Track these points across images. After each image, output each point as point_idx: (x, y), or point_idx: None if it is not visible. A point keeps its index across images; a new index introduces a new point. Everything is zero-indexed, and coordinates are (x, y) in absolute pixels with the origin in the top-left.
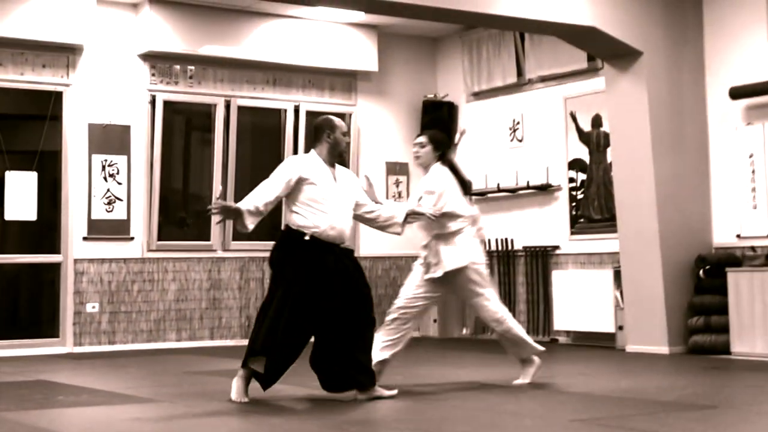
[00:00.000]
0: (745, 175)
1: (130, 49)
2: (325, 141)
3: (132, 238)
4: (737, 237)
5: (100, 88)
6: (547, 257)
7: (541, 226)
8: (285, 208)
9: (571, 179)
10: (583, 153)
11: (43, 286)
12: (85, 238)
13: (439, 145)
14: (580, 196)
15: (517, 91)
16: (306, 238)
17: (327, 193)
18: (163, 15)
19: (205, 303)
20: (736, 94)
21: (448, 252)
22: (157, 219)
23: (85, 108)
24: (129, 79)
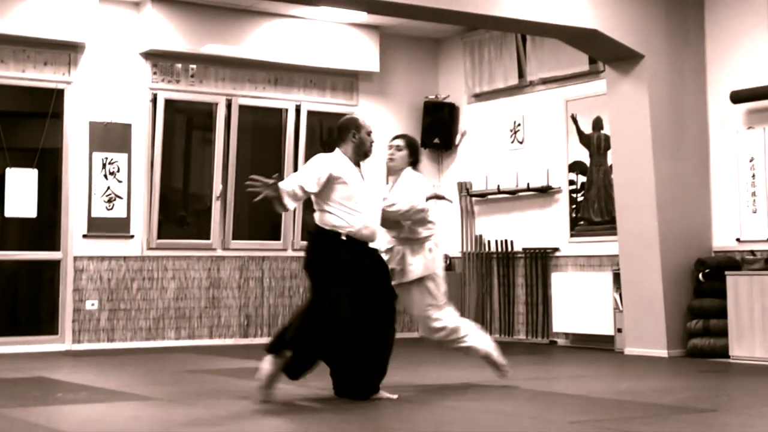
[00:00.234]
0: (746, 179)
1: (131, 48)
2: (350, 140)
3: (132, 236)
4: (737, 241)
5: (102, 86)
6: (546, 259)
7: (541, 228)
8: (316, 208)
9: (571, 181)
10: (584, 155)
11: (42, 283)
12: (85, 236)
13: (414, 151)
14: (580, 198)
15: (519, 93)
16: (342, 238)
17: (359, 192)
18: (164, 13)
19: (204, 301)
20: (737, 98)
21: (416, 259)
22: (157, 217)
23: (86, 106)
24: (130, 77)
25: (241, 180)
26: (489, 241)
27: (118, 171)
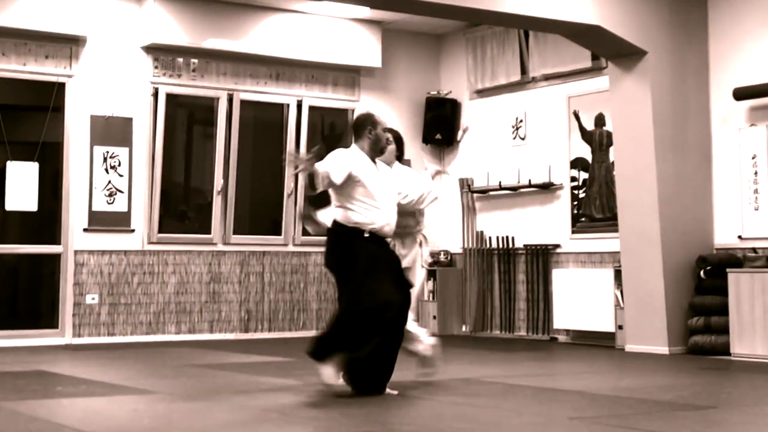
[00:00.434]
0: (748, 177)
1: (133, 42)
2: (366, 137)
3: (132, 231)
4: (739, 238)
5: (103, 80)
6: (547, 256)
7: (542, 224)
8: (337, 205)
9: (573, 178)
10: (586, 152)
11: (43, 277)
12: (85, 230)
13: (400, 145)
14: (581, 195)
15: (521, 89)
16: (366, 235)
17: (378, 190)
18: (166, 8)
19: (204, 296)
20: (740, 95)
21: (406, 251)
22: (158, 212)
23: (87, 99)
24: (132, 71)
25: (242, 175)
26: (490, 238)
27: (119, 165)
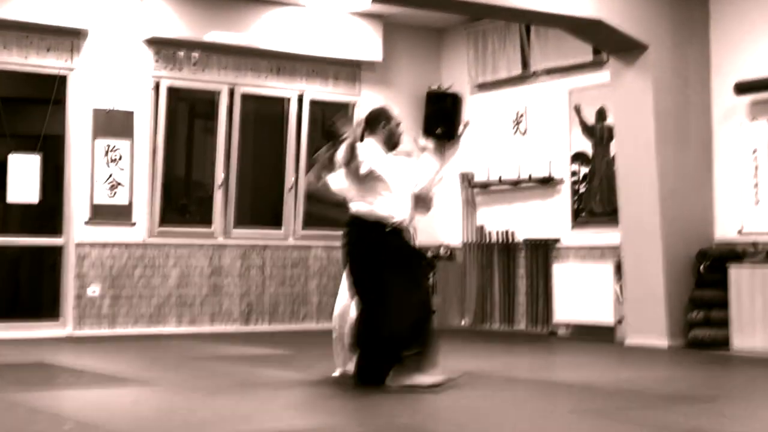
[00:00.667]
0: (749, 171)
1: (134, 35)
2: (380, 131)
3: (134, 224)
4: (739, 233)
5: (104, 73)
6: (548, 250)
7: (542, 218)
8: (358, 198)
9: (573, 172)
10: (587, 146)
11: (44, 269)
12: (87, 222)
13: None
14: (582, 189)
15: (522, 84)
16: (389, 230)
17: (397, 183)
18: (168, 1)
19: (206, 289)
20: (742, 89)
21: None
22: (160, 205)
23: (88, 93)
24: (133, 64)
25: (243, 168)
26: (490, 232)
27: (121, 158)
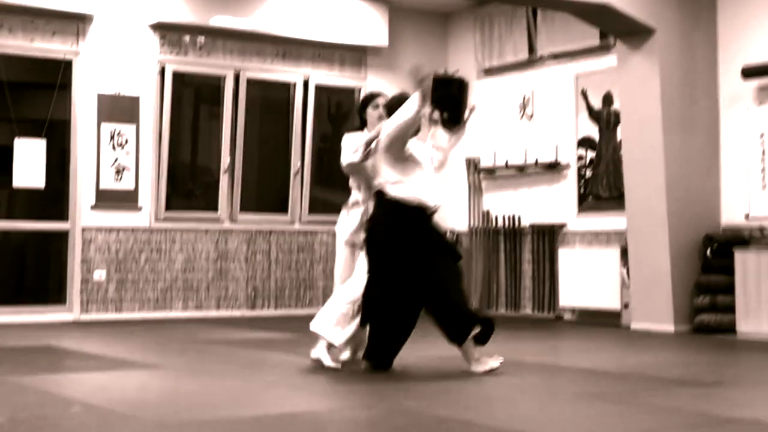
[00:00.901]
0: (756, 156)
1: (140, 19)
2: None
3: (140, 208)
4: (745, 217)
5: (110, 58)
6: (554, 235)
7: (548, 203)
8: (394, 180)
9: (580, 157)
10: (593, 131)
11: (50, 253)
12: (93, 207)
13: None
14: (588, 174)
15: (528, 68)
16: (427, 213)
17: (423, 167)
18: None
19: (211, 273)
20: (749, 73)
21: None
22: (165, 189)
23: (94, 77)
24: (138, 49)
25: (248, 153)
26: (496, 217)
27: (126, 143)
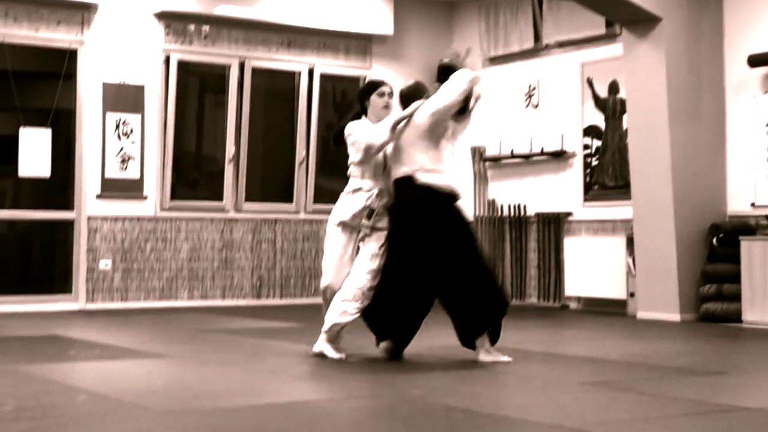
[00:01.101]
0: (761, 144)
1: (145, 8)
2: None
3: (145, 197)
4: (752, 206)
5: (115, 47)
6: (559, 224)
7: (554, 192)
8: (431, 167)
9: (585, 146)
10: (599, 119)
11: (56, 242)
12: (98, 196)
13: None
14: (594, 162)
15: (534, 57)
16: (457, 201)
17: (451, 155)
18: None
19: (217, 263)
20: (755, 61)
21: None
22: (171, 178)
23: (99, 66)
24: (143, 38)
25: (253, 142)
26: (502, 206)
27: (132, 132)
